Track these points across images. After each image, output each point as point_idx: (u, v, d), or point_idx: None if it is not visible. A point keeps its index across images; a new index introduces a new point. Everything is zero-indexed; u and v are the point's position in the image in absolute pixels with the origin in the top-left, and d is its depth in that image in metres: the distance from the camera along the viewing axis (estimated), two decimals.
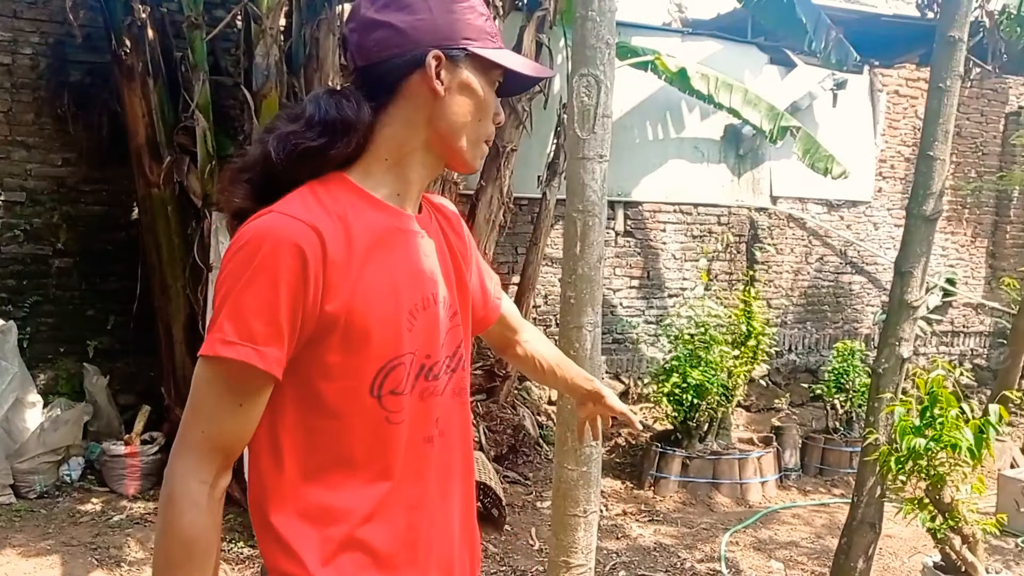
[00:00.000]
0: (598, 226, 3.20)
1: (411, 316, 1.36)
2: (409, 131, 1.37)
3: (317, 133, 1.31)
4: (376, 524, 1.34)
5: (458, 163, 1.44)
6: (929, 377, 4.19)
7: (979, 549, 4.25)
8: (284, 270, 1.21)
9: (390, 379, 1.33)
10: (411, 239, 1.40)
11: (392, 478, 1.36)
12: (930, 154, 4.17)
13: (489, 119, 1.43)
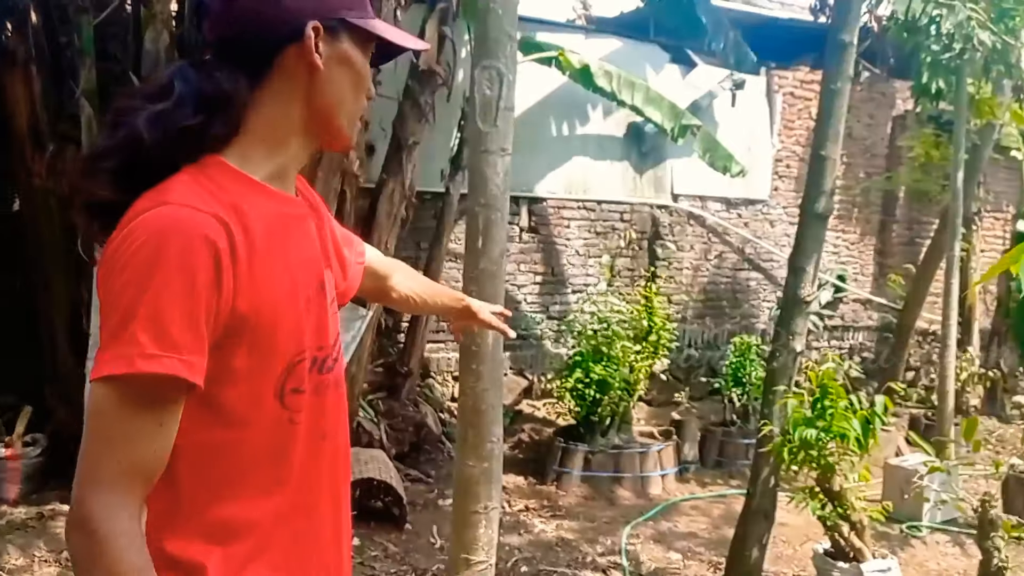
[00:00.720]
0: (500, 221, 3.16)
1: (307, 306, 1.28)
2: (286, 108, 1.27)
3: (192, 110, 1.19)
4: (278, 533, 1.26)
5: (336, 142, 1.35)
6: (820, 370, 4.33)
7: (866, 535, 4.41)
8: (199, 269, 1.09)
9: (293, 377, 1.24)
10: (300, 225, 1.32)
11: (291, 482, 1.28)
12: (822, 154, 4.31)
13: (364, 94, 1.35)
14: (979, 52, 6.20)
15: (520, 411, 7.16)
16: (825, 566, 4.41)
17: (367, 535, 4.85)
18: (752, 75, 8.59)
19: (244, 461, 1.22)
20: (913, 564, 5.11)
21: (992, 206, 10.28)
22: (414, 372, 6.39)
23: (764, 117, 8.87)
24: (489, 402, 3.09)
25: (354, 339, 5.31)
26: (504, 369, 7.11)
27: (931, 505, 5.57)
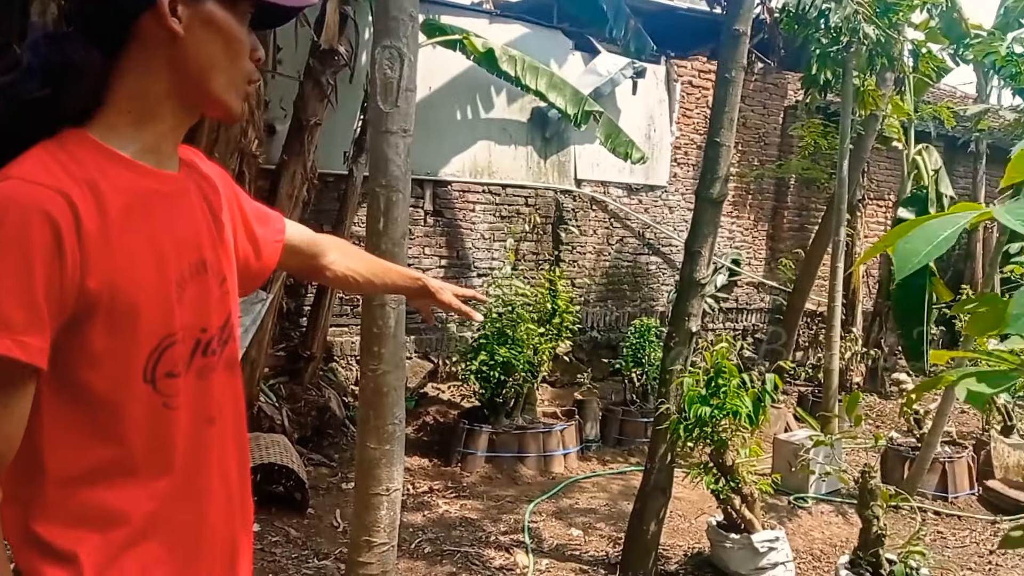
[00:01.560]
0: (402, 202, 3.17)
1: (180, 287, 1.23)
2: (150, 78, 1.21)
3: (39, 82, 1.13)
4: (162, 521, 1.23)
5: (216, 110, 1.29)
6: (714, 350, 4.49)
7: (756, 507, 4.62)
8: (36, 244, 1.05)
9: (164, 360, 1.21)
10: (172, 201, 1.26)
11: (174, 469, 1.24)
12: (717, 140, 4.45)
13: (245, 57, 1.28)
14: (864, 45, 6.49)
15: (425, 394, 7.18)
16: (718, 538, 4.60)
17: (268, 521, 4.80)
18: (652, 64, 8.77)
19: (116, 445, 1.18)
20: (800, 533, 5.36)
21: (875, 194, 10.81)
22: (317, 356, 6.31)
23: (664, 105, 9.07)
24: (391, 384, 3.10)
25: (254, 322, 5.22)
26: (408, 352, 7.11)
27: (816, 477, 5.85)
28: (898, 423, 7.68)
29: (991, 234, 10.96)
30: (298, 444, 5.60)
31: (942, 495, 6.08)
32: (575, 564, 4.63)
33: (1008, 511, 5.75)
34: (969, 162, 11.42)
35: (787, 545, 4.61)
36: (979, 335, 1.59)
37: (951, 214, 1.39)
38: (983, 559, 5.12)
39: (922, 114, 8.79)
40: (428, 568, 4.43)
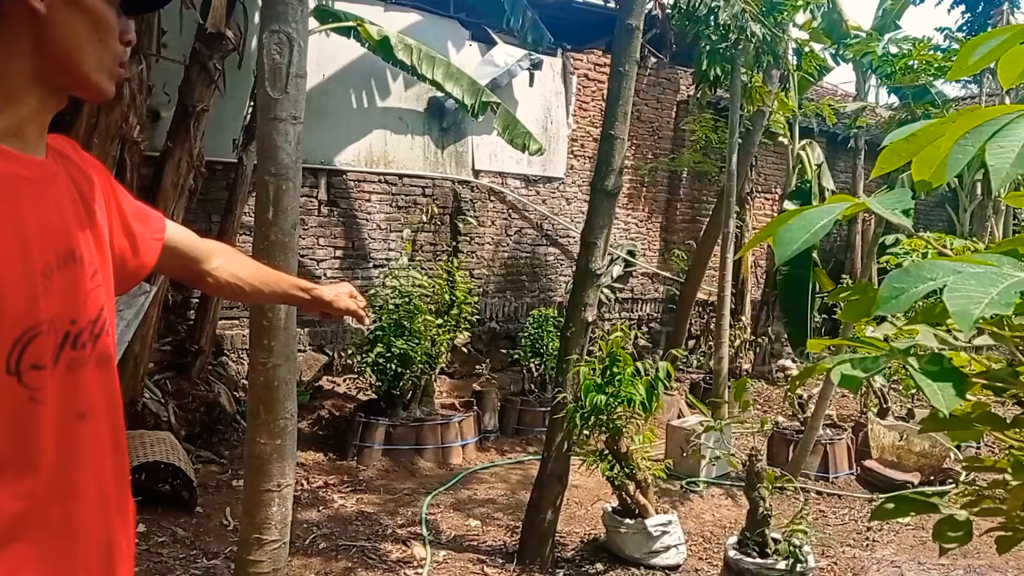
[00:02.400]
0: (292, 191, 3.09)
1: (45, 277, 1.17)
2: (12, 58, 1.16)
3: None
4: (30, 521, 1.16)
5: (84, 91, 1.25)
6: (610, 339, 4.56)
7: (650, 492, 4.72)
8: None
9: (29, 352, 1.14)
10: (38, 188, 1.20)
11: (42, 467, 1.17)
12: (611, 133, 4.51)
13: (113, 38, 1.25)
14: (751, 43, 6.70)
15: (320, 387, 7.05)
16: (613, 523, 4.68)
17: (154, 520, 4.62)
18: (549, 56, 8.84)
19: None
20: (691, 516, 5.51)
21: (763, 187, 11.20)
22: (206, 350, 6.11)
23: (560, 97, 9.15)
24: (282, 378, 3.03)
25: (137, 316, 5.01)
26: (301, 345, 6.97)
27: (707, 461, 6.03)
28: (783, 408, 7.98)
29: (869, 226, 11.51)
30: (186, 441, 5.42)
31: (824, 475, 6.36)
32: (473, 555, 4.63)
33: (883, 489, 6.05)
34: (849, 157, 11.97)
35: (679, 528, 4.73)
36: (853, 321, 1.65)
37: (827, 204, 1.44)
38: (861, 535, 5.37)
39: (805, 111, 9.14)
40: (323, 564, 4.36)
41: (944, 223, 12.52)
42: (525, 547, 4.59)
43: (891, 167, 1.54)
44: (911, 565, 4.89)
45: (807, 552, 4.19)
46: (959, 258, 1.21)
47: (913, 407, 7.30)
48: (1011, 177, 1.24)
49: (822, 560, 4.82)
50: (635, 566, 4.57)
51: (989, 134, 1.28)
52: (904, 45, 6.39)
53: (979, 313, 1.07)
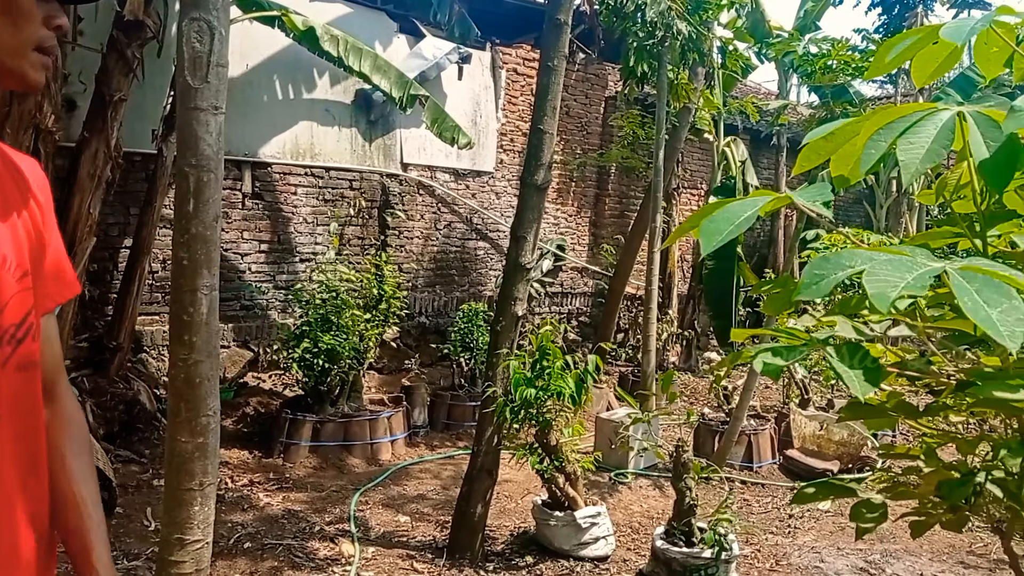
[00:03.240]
0: (214, 182, 3.00)
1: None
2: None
3: None
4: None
5: (7, 80, 1.19)
6: (540, 333, 4.58)
7: (579, 485, 4.76)
8: None
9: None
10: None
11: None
12: (540, 128, 4.52)
13: (34, 23, 1.19)
14: (677, 40, 6.79)
15: (245, 384, 6.91)
16: (543, 516, 4.71)
17: None
18: (478, 50, 8.81)
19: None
20: (620, 508, 5.57)
21: (689, 183, 11.38)
22: (125, 346, 5.93)
23: (489, 92, 9.14)
24: (203, 374, 2.94)
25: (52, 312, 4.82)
26: (225, 340, 6.81)
27: (635, 453, 6.10)
28: (709, 399, 8.14)
29: (791, 222, 11.81)
30: (104, 440, 5.25)
31: (748, 465, 6.51)
32: (402, 551, 4.60)
33: (804, 477, 6.22)
34: (772, 154, 12.26)
35: (608, 520, 4.78)
36: (775, 313, 1.69)
37: (750, 198, 1.46)
38: (783, 522, 5.51)
39: (730, 108, 9.32)
40: (249, 564, 4.27)
41: (862, 219, 12.92)
42: (455, 542, 4.58)
43: (811, 164, 1.57)
44: (831, 551, 5.04)
45: (732, 540, 4.29)
46: (876, 248, 1.24)
47: (833, 398, 7.53)
48: (920, 171, 1.28)
49: (746, 547, 4.93)
50: (564, 558, 4.60)
51: (900, 131, 1.32)
52: (824, 45, 6.56)
53: (896, 295, 1.10)
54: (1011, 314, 1.06)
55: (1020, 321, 1.06)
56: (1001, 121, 1.25)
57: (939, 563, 4.90)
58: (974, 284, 1.10)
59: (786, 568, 4.74)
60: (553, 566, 4.53)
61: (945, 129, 1.29)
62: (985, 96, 1.73)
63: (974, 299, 1.08)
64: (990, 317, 1.06)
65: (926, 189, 1.87)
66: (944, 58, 1.49)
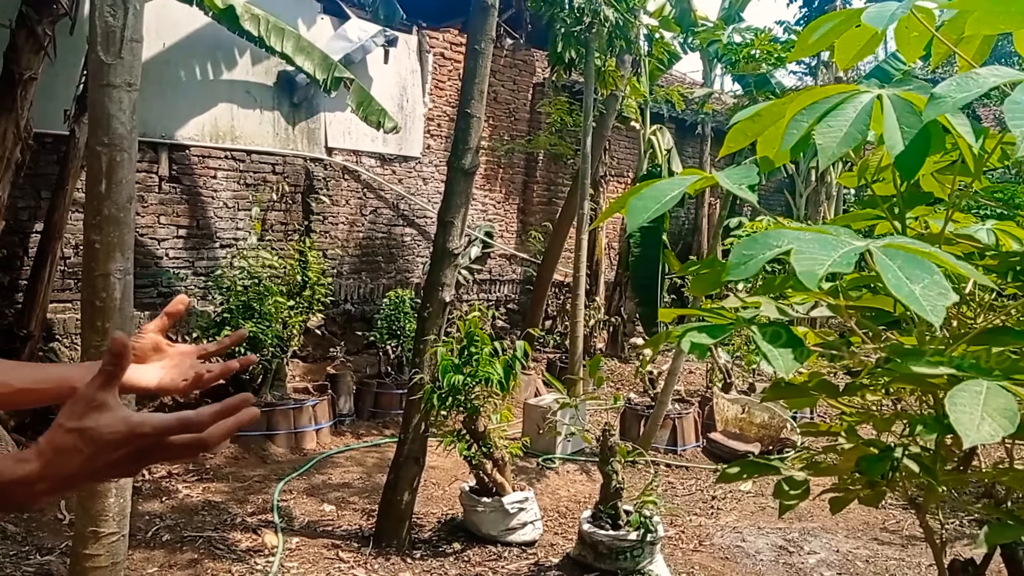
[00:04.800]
0: (127, 162, 2.89)
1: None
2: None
3: None
4: None
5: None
6: (467, 319, 4.55)
7: (507, 471, 4.76)
8: None
9: None
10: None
11: None
12: (468, 111, 4.48)
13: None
14: (604, 27, 6.81)
15: None
16: (471, 502, 4.69)
17: None
18: (404, 33, 8.70)
19: None
20: (547, 492, 5.60)
21: (616, 171, 11.47)
22: (36, 335, 5.69)
23: (416, 76, 9.03)
24: None
25: None
26: (138, 325, 6.59)
27: (563, 438, 6.14)
28: (635, 384, 8.24)
29: (715, 210, 12.02)
30: (15, 432, 5.03)
31: (672, 448, 6.61)
32: (327, 540, 4.53)
33: (727, 459, 6.35)
34: (697, 143, 12.45)
35: (535, 505, 4.79)
36: (700, 294, 1.70)
37: (677, 177, 1.46)
38: (707, 504, 5.62)
39: (656, 96, 9.40)
40: (167, 557, 4.15)
41: (782, 207, 13.23)
42: (382, 530, 4.53)
43: (739, 145, 1.58)
44: (752, 530, 5.16)
45: (657, 522, 4.34)
46: (802, 227, 1.25)
47: (754, 382, 7.70)
48: (837, 155, 1.29)
49: (671, 529, 5.00)
50: (492, 543, 4.60)
51: (822, 112, 1.33)
52: (747, 35, 6.66)
53: (823, 272, 1.11)
54: (932, 289, 1.08)
55: (942, 295, 1.08)
56: (920, 105, 1.27)
57: (854, 540, 5.05)
58: (897, 261, 1.11)
59: (709, 548, 4.84)
60: (481, 552, 4.52)
61: (863, 113, 1.30)
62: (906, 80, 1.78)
63: (897, 275, 1.09)
64: (913, 292, 1.07)
65: (847, 172, 1.91)
66: (866, 41, 1.50)
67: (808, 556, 4.78)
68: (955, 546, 4.63)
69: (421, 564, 4.32)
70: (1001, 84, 1.17)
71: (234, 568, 4.09)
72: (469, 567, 4.34)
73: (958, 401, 1.10)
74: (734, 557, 4.72)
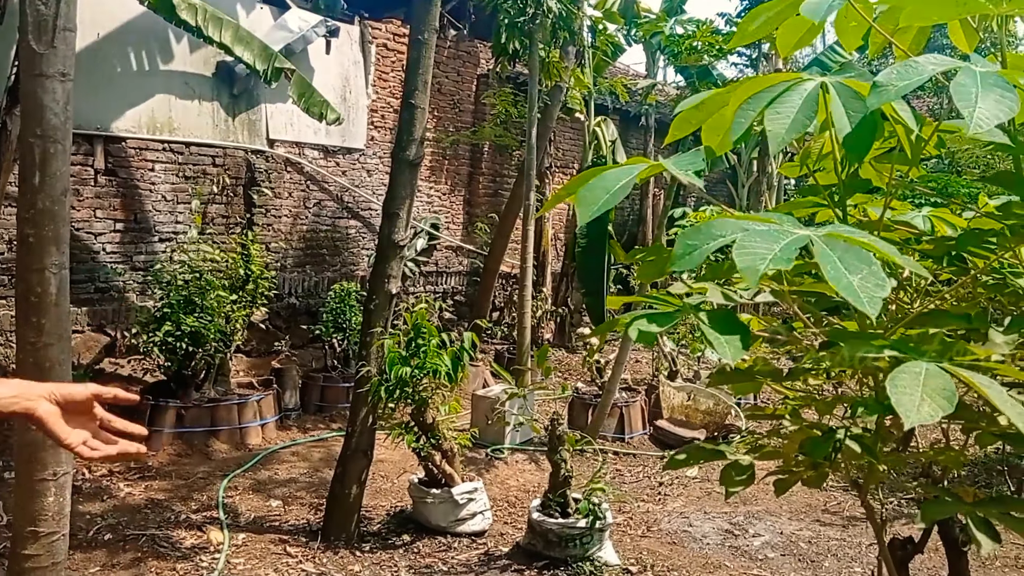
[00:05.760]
0: (61, 154, 2.81)
1: None
2: None
3: None
4: None
5: None
6: (414, 311, 4.53)
7: (456, 462, 4.75)
8: None
9: None
10: None
11: None
12: (412, 102, 4.45)
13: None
14: (548, 18, 6.82)
15: (101, 370, 6.54)
16: (420, 494, 4.68)
17: None
18: (346, 23, 8.60)
19: None
20: (497, 483, 5.61)
21: (561, 162, 11.51)
22: None
23: (359, 67, 8.94)
24: (54, 358, 2.76)
25: None
26: (79, 325, 6.43)
27: (511, 428, 6.16)
28: (583, 374, 8.29)
29: (659, 201, 12.14)
30: None
31: (620, 436, 6.68)
32: (275, 535, 4.48)
33: (673, 446, 6.44)
34: (641, 134, 12.56)
35: (485, 495, 4.80)
36: (647, 281, 1.71)
37: (625, 166, 1.47)
38: (654, 490, 5.69)
39: (600, 88, 9.46)
40: (109, 556, 4.06)
41: (725, 198, 13.42)
42: (330, 524, 4.49)
43: (683, 133, 1.59)
44: (698, 515, 5.24)
45: (606, 509, 4.38)
46: (746, 216, 1.27)
47: (699, 369, 7.81)
48: (787, 141, 1.31)
49: (619, 516, 5.06)
50: (442, 535, 4.60)
51: (768, 100, 1.35)
52: (689, 27, 6.75)
53: (764, 268, 1.12)
54: (870, 280, 1.10)
55: (879, 287, 1.10)
56: (863, 92, 1.29)
57: (798, 521, 5.17)
58: (837, 251, 1.13)
59: (657, 533, 4.90)
60: (431, 543, 4.52)
61: (810, 100, 1.32)
62: (847, 66, 1.82)
63: (836, 266, 1.11)
64: (851, 284, 1.09)
65: (788, 163, 1.94)
66: (807, 29, 1.53)
67: (753, 539, 4.88)
68: (893, 525, 4.77)
69: (371, 557, 4.30)
70: (938, 73, 1.20)
71: (179, 566, 4.02)
72: (419, 558, 4.33)
73: (899, 383, 1.12)
74: (681, 541, 4.79)
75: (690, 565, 4.42)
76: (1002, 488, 4.93)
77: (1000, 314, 1.59)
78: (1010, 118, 1.14)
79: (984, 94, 1.15)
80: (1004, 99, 1.15)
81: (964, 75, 1.18)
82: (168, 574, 3.93)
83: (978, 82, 1.17)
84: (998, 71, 1.19)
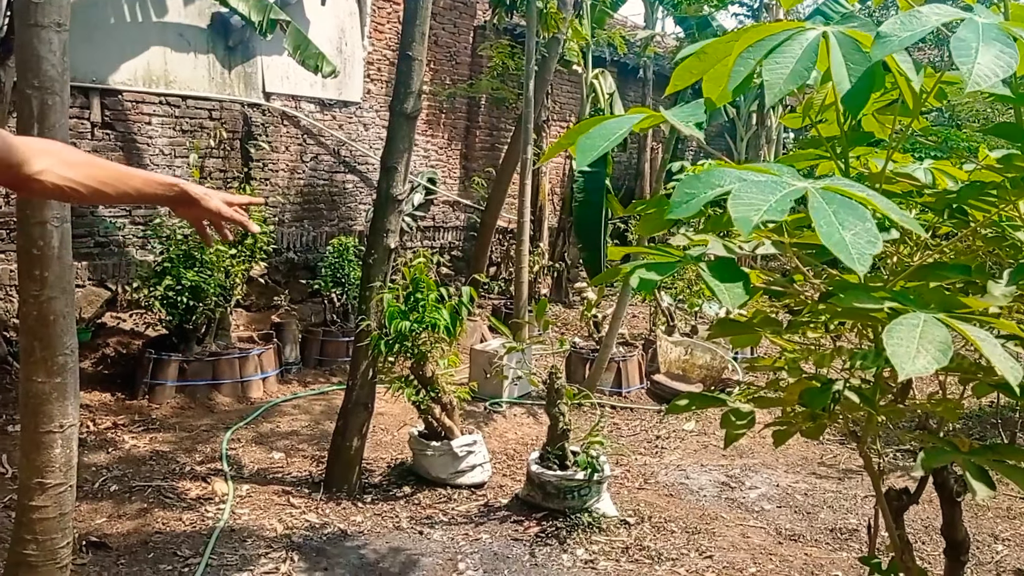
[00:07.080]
0: (60, 106, 2.79)
1: None
2: None
3: None
4: None
5: None
6: (412, 265, 4.54)
7: (455, 415, 4.80)
8: None
9: None
10: None
11: None
12: (409, 54, 4.41)
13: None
14: None
15: (103, 324, 6.56)
16: (420, 447, 4.74)
17: None
18: None
19: None
20: (495, 436, 5.68)
21: (558, 115, 11.43)
22: None
23: (355, 18, 8.82)
24: (58, 311, 2.77)
25: None
26: (80, 279, 6.44)
27: (509, 382, 6.21)
28: (580, 329, 8.34)
29: (657, 155, 12.08)
30: None
31: (617, 390, 6.74)
32: (278, 486, 4.54)
33: (670, 400, 6.48)
34: (639, 87, 12.45)
35: (484, 448, 4.86)
36: (647, 234, 1.72)
37: (624, 115, 1.47)
38: (651, 443, 5.76)
39: (598, 39, 9.36)
40: (115, 507, 4.12)
41: (723, 151, 13.37)
42: (331, 476, 4.56)
43: (684, 84, 1.58)
44: (695, 468, 5.31)
45: (603, 462, 4.44)
46: (746, 167, 1.27)
47: (696, 324, 7.85)
48: (784, 92, 1.31)
49: (617, 468, 5.13)
50: (442, 486, 4.66)
51: (768, 49, 1.34)
52: None
53: (757, 219, 1.13)
54: (862, 236, 1.11)
55: (870, 244, 1.10)
56: (865, 43, 1.29)
57: (794, 474, 5.25)
58: (832, 205, 1.14)
59: (654, 486, 4.97)
60: (431, 494, 4.58)
61: (809, 50, 1.32)
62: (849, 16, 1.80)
63: (830, 221, 1.12)
64: (843, 240, 1.10)
65: (790, 114, 1.93)
66: None
67: (749, 491, 4.95)
68: (889, 477, 4.84)
69: (372, 508, 4.37)
70: (941, 23, 1.20)
71: (184, 516, 4.08)
72: (420, 509, 4.40)
73: (895, 334, 1.13)
74: (678, 494, 4.86)
75: (687, 516, 4.49)
76: (996, 440, 5.00)
77: (999, 268, 1.60)
78: (1008, 74, 1.14)
79: (984, 49, 1.14)
80: (1003, 54, 1.15)
81: (966, 28, 1.17)
82: (174, 524, 3.99)
83: (980, 36, 1.16)
84: (999, 23, 1.19)
